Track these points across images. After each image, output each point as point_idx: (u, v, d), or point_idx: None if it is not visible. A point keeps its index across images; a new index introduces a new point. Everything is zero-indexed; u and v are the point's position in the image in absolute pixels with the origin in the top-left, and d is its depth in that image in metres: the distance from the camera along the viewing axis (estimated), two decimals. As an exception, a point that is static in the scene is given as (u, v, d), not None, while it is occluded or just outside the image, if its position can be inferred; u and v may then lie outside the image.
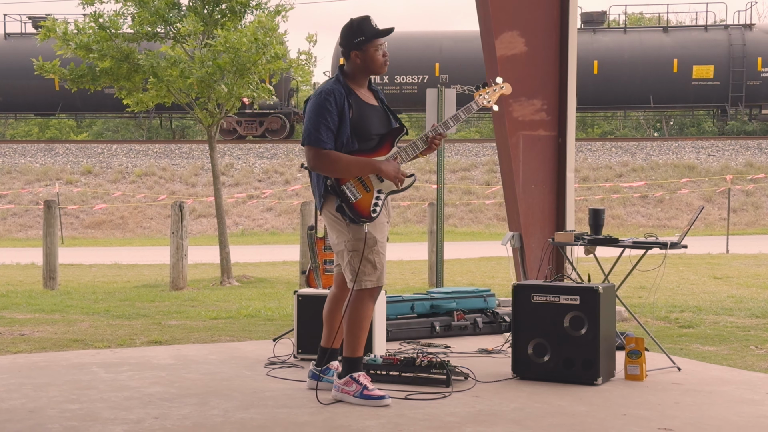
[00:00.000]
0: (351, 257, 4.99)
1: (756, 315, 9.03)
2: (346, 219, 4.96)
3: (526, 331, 5.67)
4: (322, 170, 4.94)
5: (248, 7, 13.03)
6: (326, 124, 4.91)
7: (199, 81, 12.58)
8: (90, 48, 12.62)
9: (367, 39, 5.00)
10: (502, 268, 14.84)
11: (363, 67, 5.05)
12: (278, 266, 16.34)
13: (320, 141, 4.89)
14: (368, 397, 4.96)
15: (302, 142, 4.97)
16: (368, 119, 5.03)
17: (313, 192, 5.16)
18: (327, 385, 5.18)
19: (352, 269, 4.99)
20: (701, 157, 28.93)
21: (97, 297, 11.13)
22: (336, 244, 5.10)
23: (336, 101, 4.94)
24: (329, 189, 4.95)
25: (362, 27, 5.01)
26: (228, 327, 8.43)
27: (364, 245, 4.94)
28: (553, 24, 7.75)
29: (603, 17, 32.08)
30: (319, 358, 5.35)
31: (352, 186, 4.95)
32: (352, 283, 5.02)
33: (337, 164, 4.91)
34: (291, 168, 28.62)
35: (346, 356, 5.07)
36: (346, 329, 5.05)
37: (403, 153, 5.08)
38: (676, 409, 4.91)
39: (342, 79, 5.06)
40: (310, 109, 4.96)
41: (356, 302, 5.02)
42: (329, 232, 5.15)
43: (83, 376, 5.79)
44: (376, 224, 5.01)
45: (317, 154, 4.90)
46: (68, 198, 27.04)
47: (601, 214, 6.54)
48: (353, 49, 5.02)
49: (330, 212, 5.02)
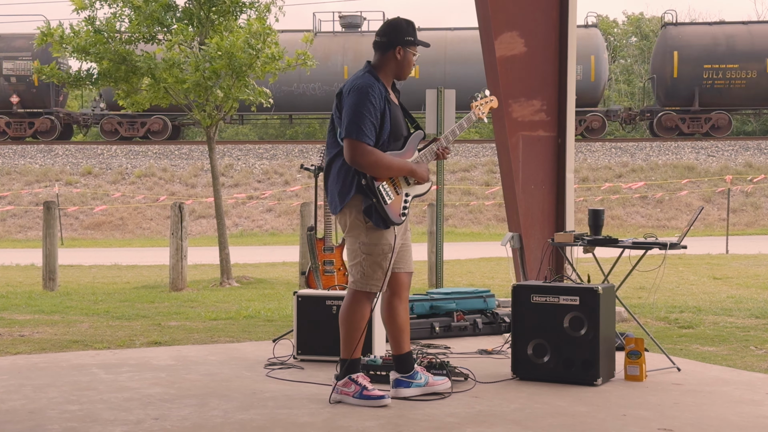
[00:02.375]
0: (363, 260, 4.96)
1: (755, 315, 9.02)
2: (368, 221, 4.90)
3: (526, 332, 5.67)
4: (362, 166, 4.83)
5: (242, 7, 12.99)
6: (371, 119, 4.85)
7: (195, 85, 12.57)
8: (87, 51, 12.61)
9: (415, 42, 5.05)
10: (501, 268, 14.84)
11: (398, 65, 5.04)
12: (278, 267, 16.34)
13: (364, 135, 4.82)
14: (367, 397, 4.95)
15: (343, 135, 4.87)
16: (399, 120, 5.02)
17: (329, 191, 5.05)
18: (414, 391, 5.13)
19: (361, 271, 4.96)
20: (701, 158, 28.93)
21: (96, 298, 11.13)
22: (348, 245, 5.06)
23: (378, 98, 4.90)
24: (363, 188, 4.86)
25: (412, 28, 5.07)
26: (228, 328, 8.43)
27: (381, 252, 4.93)
28: (552, 24, 7.75)
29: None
30: (399, 365, 5.20)
31: (387, 187, 4.91)
32: (356, 284, 4.99)
33: (379, 162, 4.84)
34: (290, 169, 28.61)
35: (343, 358, 5.05)
36: (343, 330, 5.03)
37: (425, 157, 5.08)
38: (676, 410, 4.91)
39: (376, 75, 5.02)
40: (354, 103, 4.85)
41: (356, 304, 5.01)
42: (345, 232, 5.07)
43: (83, 377, 5.79)
44: (399, 228, 4.99)
45: (360, 149, 4.81)
46: (68, 199, 27.04)
47: (600, 215, 6.54)
48: (400, 45, 5.02)
49: (350, 214, 4.95)
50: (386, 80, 5.04)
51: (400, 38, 5.03)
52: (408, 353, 5.17)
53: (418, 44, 5.07)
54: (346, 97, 4.92)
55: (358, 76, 4.99)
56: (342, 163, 4.94)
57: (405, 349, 5.16)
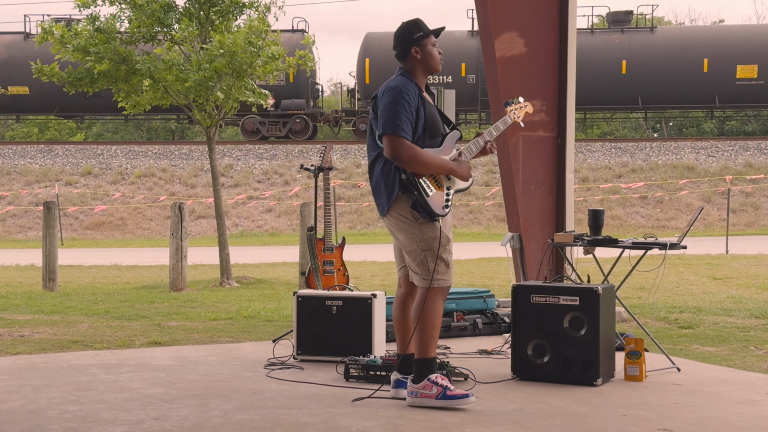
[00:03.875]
0: (425, 256, 4.94)
1: (755, 315, 9.02)
2: (419, 218, 4.91)
3: (526, 332, 5.67)
4: (401, 160, 4.85)
5: (242, 7, 13.00)
6: (407, 115, 4.89)
7: (196, 84, 12.57)
8: (87, 51, 12.61)
9: (425, 34, 5.08)
10: (501, 268, 14.84)
11: (422, 62, 5.07)
12: (278, 267, 16.34)
13: (401, 130, 4.85)
14: (453, 398, 4.88)
15: (381, 132, 4.90)
16: (435, 117, 5.05)
17: (375, 193, 5.05)
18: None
19: (426, 269, 4.94)
20: (701, 158, 28.93)
21: (96, 298, 11.13)
22: (405, 245, 5.01)
23: (412, 95, 4.95)
24: (405, 183, 4.88)
25: (419, 25, 5.11)
26: (227, 328, 8.43)
27: (439, 244, 4.93)
28: (552, 25, 7.75)
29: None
30: (403, 365, 5.17)
31: (427, 180, 4.92)
32: (425, 281, 4.95)
33: (418, 156, 4.87)
34: (290, 169, 28.61)
35: (420, 358, 4.96)
36: (419, 330, 4.95)
37: (469, 151, 5.10)
38: (676, 410, 4.91)
39: (410, 77, 5.06)
40: (390, 102, 4.90)
41: (430, 302, 4.94)
42: (396, 234, 5.04)
43: (83, 377, 5.79)
44: (445, 222, 5.01)
45: (399, 144, 4.84)
46: (68, 199, 27.04)
47: (600, 215, 6.54)
48: (413, 45, 5.05)
49: (400, 213, 4.95)
50: (419, 81, 5.09)
51: (410, 38, 5.08)
52: (413, 355, 5.16)
53: (429, 34, 5.10)
54: (380, 98, 4.98)
55: (391, 79, 5.07)
56: (383, 163, 4.97)
57: (411, 349, 5.15)
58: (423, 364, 4.96)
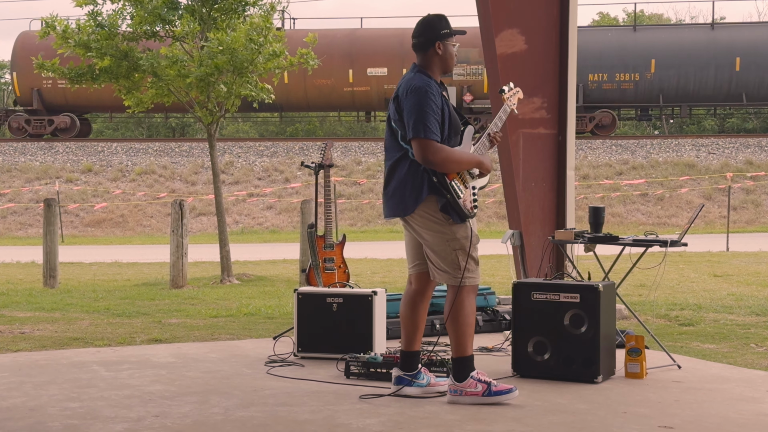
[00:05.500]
0: (456, 255, 4.90)
1: (756, 313, 9.02)
2: (450, 218, 4.87)
3: (526, 329, 5.67)
4: (434, 163, 4.79)
5: (246, 5, 12.99)
6: (434, 116, 4.83)
7: (198, 80, 12.57)
8: (89, 46, 12.61)
9: (451, 33, 5.04)
10: (502, 266, 14.84)
11: (441, 59, 5.02)
12: (278, 264, 16.34)
13: (431, 133, 4.79)
14: (499, 393, 4.89)
15: (411, 136, 4.82)
16: (455, 115, 5.01)
17: (394, 194, 4.96)
18: (415, 390, 5.10)
19: (457, 267, 4.90)
20: (701, 155, 28.92)
21: (97, 295, 11.13)
22: (433, 244, 4.94)
23: (437, 95, 4.89)
24: (435, 186, 4.84)
25: (447, 21, 5.07)
26: (228, 325, 8.43)
27: (470, 243, 4.91)
28: (552, 22, 7.75)
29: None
30: (405, 362, 5.15)
31: (457, 182, 4.89)
32: (455, 280, 4.92)
33: (450, 157, 4.83)
34: (291, 166, 28.61)
35: (459, 357, 4.94)
36: (456, 329, 4.92)
37: (484, 147, 5.09)
38: (677, 407, 4.91)
39: (428, 74, 4.99)
40: (416, 103, 4.82)
41: (464, 300, 4.92)
42: (421, 233, 4.97)
43: (83, 374, 5.80)
44: (472, 220, 4.99)
45: (431, 147, 4.78)
46: (68, 196, 27.04)
47: (601, 212, 6.53)
48: (438, 40, 4.99)
49: (428, 213, 4.89)
50: (435, 78, 5.03)
51: (436, 33, 5.01)
52: (417, 352, 5.15)
53: (454, 34, 5.06)
54: (404, 99, 4.89)
55: (410, 77, 4.97)
56: (409, 165, 4.90)
57: (415, 347, 5.14)
58: (463, 362, 4.95)
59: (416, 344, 5.14)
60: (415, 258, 5.12)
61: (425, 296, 5.14)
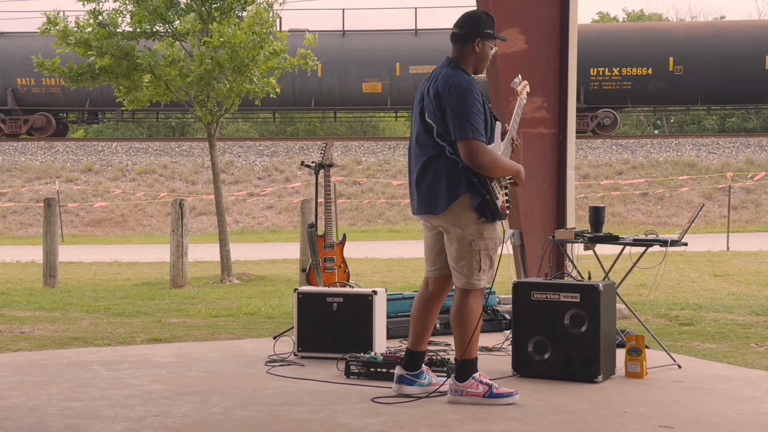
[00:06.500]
0: (481, 256, 4.88)
1: (756, 312, 9.02)
2: (482, 217, 4.83)
3: (527, 329, 5.66)
4: (481, 165, 4.73)
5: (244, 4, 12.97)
6: (480, 116, 4.77)
7: (198, 79, 12.56)
8: (89, 45, 12.60)
9: (493, 35, 4.99)
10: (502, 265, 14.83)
11: (477, 58, 4.95)
12: (278, 264, 16.34)
13: (479, 134, 4.73)
14: (499, 396, 4.89)
15: (457, 136, 4.73)
16: (489, 113, 4.95)
17: (426, 191, 4.88)
18: (416, 389, 5.09)
19: (475, 267, 4.88)
20: (702, 155, 28.92)
21: (97, 295, 11.13)
22: (459, 240, 4.86)
23: (479, 94, 4.82)
24: (474, 185, 4.78)
25: (492, 21, 5.02)
26: (228, 325, 8.43)
27: (494, 244, 4.91)
28: (553, 21, 7.74)
29: None
30: (409, 361, 5.13)
31: (495, 183, 4.86)
32: (467, 281, 4.89)
33: (497, 162, 4.78)
34: (291, 166, 28.61)
35: (464, 359, 4.93)
36: (461, 330, 4.90)
37: (509, 152, 5.05)
38: (677, 407, 4.91)
39: (464, 70, 4.92)
40: (462, 103, 4.74)
41: (473, 302, 4.91)
42: (450, 230, 4.89)
43: (83, 373, 5.79)
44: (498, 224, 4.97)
45: (480, 149, 4.72)
46: (68, 196, 27.04)
47: (601, 212, 6.53)
48: (479, 37, 4.93)
49: (461, 210, 4.83)
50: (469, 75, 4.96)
51: (480, 30, 4.95)
52: (422, 353, 5.14)
53: (496, 38, 5.00)
54: (447, 97, 4.78)
55: (450, 74, 4.86)
56: (445, 162, 4.82)
57: (421, 347, 5.12)
58: (468, 364, 4.94)
59: (423, 345, 5.13)
60: (435, 262, 5.07)
61: (440, 300, 5.13)
